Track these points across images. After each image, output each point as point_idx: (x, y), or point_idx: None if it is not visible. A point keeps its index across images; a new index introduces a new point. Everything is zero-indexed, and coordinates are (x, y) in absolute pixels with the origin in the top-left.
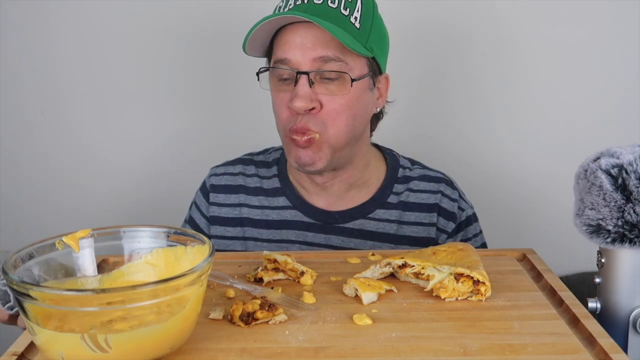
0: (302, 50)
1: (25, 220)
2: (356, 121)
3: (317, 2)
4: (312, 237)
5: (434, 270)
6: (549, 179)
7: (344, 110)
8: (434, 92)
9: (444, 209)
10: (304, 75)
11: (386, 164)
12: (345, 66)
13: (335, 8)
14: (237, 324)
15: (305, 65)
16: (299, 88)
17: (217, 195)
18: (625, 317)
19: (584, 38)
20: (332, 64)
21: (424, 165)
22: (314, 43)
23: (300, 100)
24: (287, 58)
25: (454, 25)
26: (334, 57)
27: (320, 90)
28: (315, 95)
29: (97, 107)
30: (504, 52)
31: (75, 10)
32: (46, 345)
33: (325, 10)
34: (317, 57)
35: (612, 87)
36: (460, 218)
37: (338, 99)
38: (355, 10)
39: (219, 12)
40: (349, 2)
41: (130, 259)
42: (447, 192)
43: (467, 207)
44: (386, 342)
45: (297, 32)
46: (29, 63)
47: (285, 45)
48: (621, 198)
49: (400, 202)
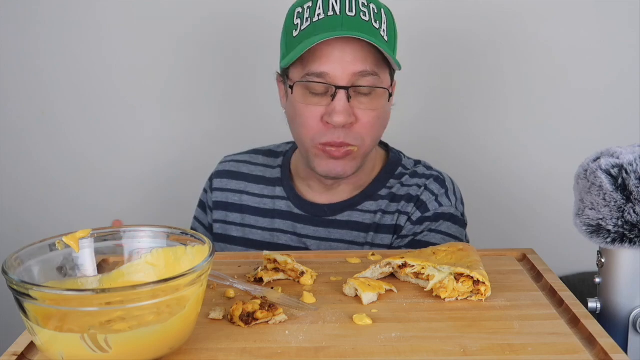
0: (341, 65)
1: (25, 221)
2: (383, 130)
3: (350, 14)
4: (301, 228)
5: (434, 270)
6: (549, 179)
7: (376, 122)
8: (436, 93)
9: (421, 199)
10: (342, 90)
11: (386, 161)
12: (379, 80)
13: (368, 21)
14: (237, 324)
15: (343, 80)
16: (338, 103)
17: (221, 181)
18: (625, 317)
19: (584, 38)
20: (369, 79)
21: (425, 165)
22: (353, 58)
23: (340, 116)
24: (325, 72)
25: (455, 27)
26: (371, 72)
27: (356, 104)
28: (352, 110)
29: (97, 107)
30: (503, 53)
31: (76, 10)
32: (46, 345)
33: (360, 24)
34: (356, 72)
35: (612, 87)
36: (432, 210)
37: (371, 112)
38: (382, 23)
39: (225, 12)
40: (376, 14)
41: (130, 259)
42: (431, 187)
43: (448, 204)
44: (386, 342)
45: (336, 47)
46: (29, 63)
47: (323, 58)
48: (621, 198)
49: (390, 194)
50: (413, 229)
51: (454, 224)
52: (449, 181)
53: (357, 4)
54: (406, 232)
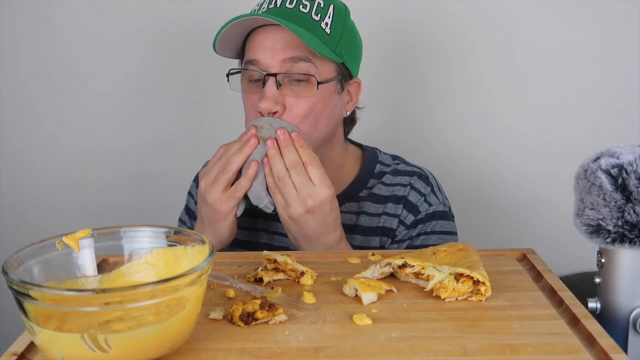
0: (272, 52)
1: (25, 220)
2: (320, 124)
3: (289, 6)
4: (280, 227)
5: (434, 270)
6: (549, 179)
7: (308, 113)
8: (436, 93)
9: (410, 201)
10: (272, 77)
11: (363, 160)
12: (313, 68)
13: (307, 13)
14: (237, 324)
15: (274, 67)
16: (267, 90)
17: None
18: (625, 317)
19: (583, 38)
20: (302, 65)
21: (404, 161)
22: (283, 45)
23: (266, 102)
24: (257, 59)
25: (455, 26)
26: (303, 57)
27: (287, 92)
28: (281, 98)
29: (97, 107)
30: (504, 52)
31: (76, 10)
32: (46, 345)
33: (296, 15)
34: (286, 58)
35: (612, 87)
36: (424, 212)
37: (302, 102)
38: (326, 16)
39: (213, 10)
40: (320, 8)
41: (130, 259)
42: (417, 186)
43: (436, 202)
44: (386, 342)
45: (268, 35)
46: (29, 63)
47: (255, 46)
48: (621, 198)
49: (371, 194)
50: (408, 233)
51: (446, 220)
52: (431, 177)
53: None
54: (401, 236)
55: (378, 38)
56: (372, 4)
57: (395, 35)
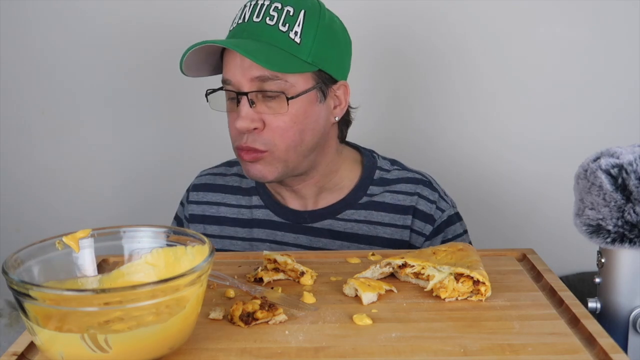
0: (241, 71)
1: (25, 221)
2: (306, 134)
3: (256, 20)
4: (281, 236)
5: (434, 270)
6: (549, 179)
7: (290, 126)
8: (436, 93)
9: (421, 211)
10: (244, 96)
11: (362, 165)
12: (284, 84)
13: (273, 25)
14: (237, 324)
15: (245, 86)
16: (241, 109)
17: (197, 194)
18: (625, 317)
19: (583, 38)
20: (271, 83)
21: (403, 166)
22: (250, 64)
23: (242, 121)
24: (229, 79)
25: (456, 24)
26: (271, 76)
27: (262, 109)
28: (258, 115)
29: (96, 108)
30: (503, 52)
31: (75, 10)
32: (46, 345)
33: (261, 30)
34: (254, 77)
35: (612, 87)
36: (439, 219)
37: (281, 116)
38: (295, 24)
39: (213, 11)
40: (289, 17)
41: (130, 259)
42: (424, 194)
43: (447, 207)
44: (386, 342)
45: (236, 54)
46: (29, 63)
47: (227, 65)
48: (621, 198)
49: (371, 202)
50: (431, 244)
51: (459, 221)
52: (434, 181)
53: (267, 9)
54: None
55: (376, 38)
56: (370, 6)
57: (394, 35)
